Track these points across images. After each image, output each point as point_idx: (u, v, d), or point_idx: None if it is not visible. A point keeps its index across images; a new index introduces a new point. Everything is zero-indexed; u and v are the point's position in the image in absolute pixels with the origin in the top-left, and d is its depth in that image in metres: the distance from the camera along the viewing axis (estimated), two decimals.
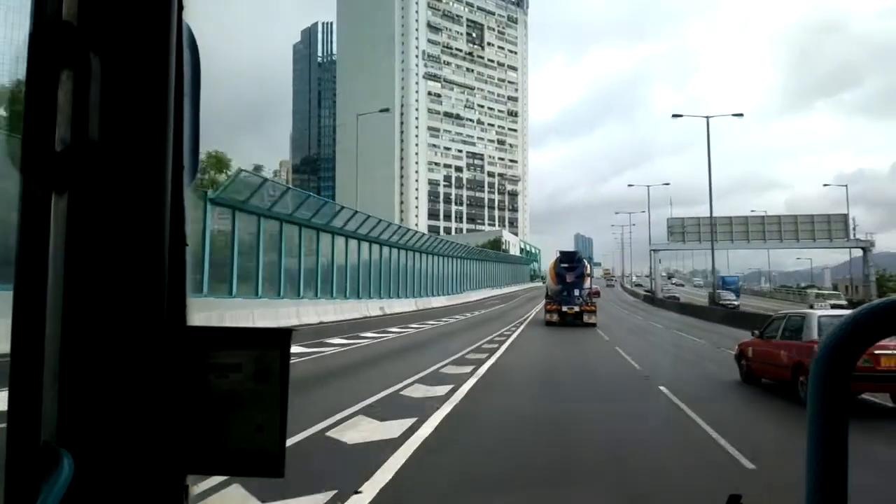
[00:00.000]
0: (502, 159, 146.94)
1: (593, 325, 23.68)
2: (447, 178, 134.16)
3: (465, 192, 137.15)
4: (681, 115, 37.01)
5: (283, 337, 0.71)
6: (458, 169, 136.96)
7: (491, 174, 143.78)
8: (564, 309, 24.41)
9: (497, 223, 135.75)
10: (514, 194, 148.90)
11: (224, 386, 0.69)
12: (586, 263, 27.06)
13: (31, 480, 0.60)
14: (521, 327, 24.13)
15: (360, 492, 4.26)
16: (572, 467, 5.40)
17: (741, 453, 5.57)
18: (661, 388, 9.41)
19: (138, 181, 0.65)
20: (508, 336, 19.53)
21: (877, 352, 7.03)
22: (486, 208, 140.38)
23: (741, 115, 38.12)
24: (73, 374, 0.63)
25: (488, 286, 63.73)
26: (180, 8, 0.69)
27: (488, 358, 13.14)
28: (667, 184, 54.69)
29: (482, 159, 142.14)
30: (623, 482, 5.00)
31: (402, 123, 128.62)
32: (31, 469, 0.60)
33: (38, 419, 0.61)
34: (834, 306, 37.17)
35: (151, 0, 0.67)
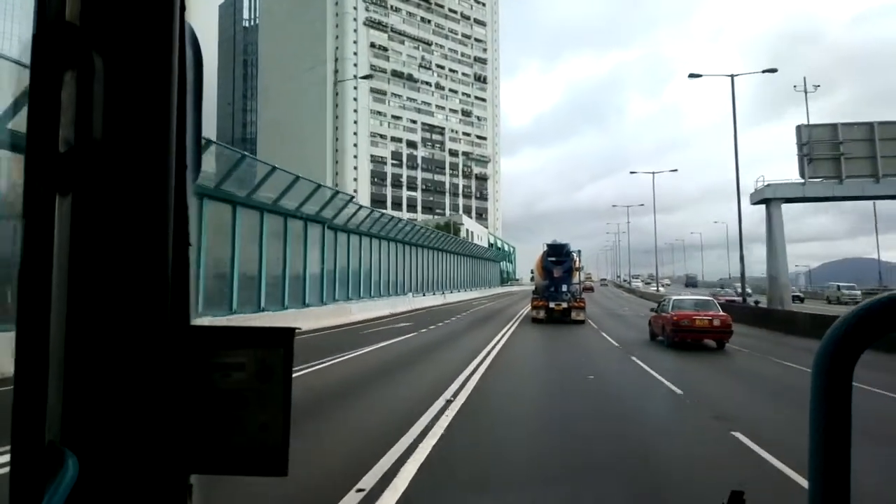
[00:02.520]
0: (468, 135, 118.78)
1: (581, 322, 22.08)
2: (397, 156, 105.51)
3: (419, 174, 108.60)
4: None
5: (286, 336, 0.71)
6: (412, 144, 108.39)
7: (454, 153, 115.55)
8: (552, 305, 22.52)
9: (462, 213, 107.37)
10: (482, 178, 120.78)
11: (227, 385, 0.69)
12: (575, 257, 24.86)
13: (36, 480, 0.59)
14: None
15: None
16: None
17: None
18: None
19: (142, 181, 0.65)
20: None
21: (694, 317, 14.45)
22: (448, 195, 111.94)
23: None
24: (77, 374, 0.63)
25: (420, 291, 35.30)
26: (182, 8, 0.69)
27: None
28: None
29: (442, 133, 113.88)
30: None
31: (335, 83, 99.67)
32: (36, 469, 0.60)
33: (42, 419, 0.61)
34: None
35: (154, 0, 0.67)
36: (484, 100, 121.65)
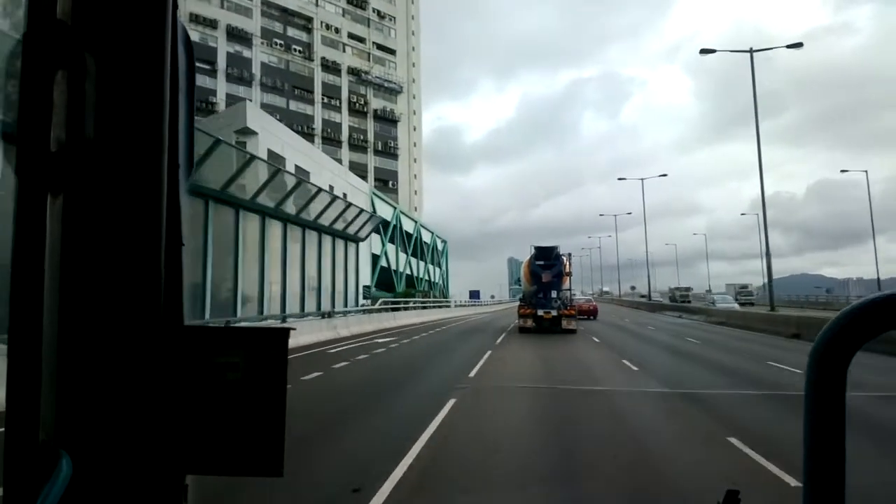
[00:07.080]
0: (360, 40, 68.38)
1: (573, 331, 21.62)
2: (207, 53, 53.40)
3: (257, 94, 56.91)
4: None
5: (280, 336, 0.71)
6: (240, 37, 56.82)
7: (331, 66, 64.68)
8: (540, 313, 21.71)
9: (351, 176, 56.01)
10: (389, 120, 70.11)
11: (222, 385, 0.69)
12: (565, 261, 23.48)
13: (30, 481, 0.59)
14: None
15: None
16: None
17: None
18: None
19: (134, 181, 0.66)
20: None
21: (582, 305, 33.84)
22: (319, 138, 60.37)
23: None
24: (70, 374, 0.63)
25: None
26: (174, 7, 0.70)
27: None
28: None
29: (309, 29, 62.63)
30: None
31: None
32: (29, 469, 0.60)
33: (36, 419, 0.61)
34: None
35: None
36: None
